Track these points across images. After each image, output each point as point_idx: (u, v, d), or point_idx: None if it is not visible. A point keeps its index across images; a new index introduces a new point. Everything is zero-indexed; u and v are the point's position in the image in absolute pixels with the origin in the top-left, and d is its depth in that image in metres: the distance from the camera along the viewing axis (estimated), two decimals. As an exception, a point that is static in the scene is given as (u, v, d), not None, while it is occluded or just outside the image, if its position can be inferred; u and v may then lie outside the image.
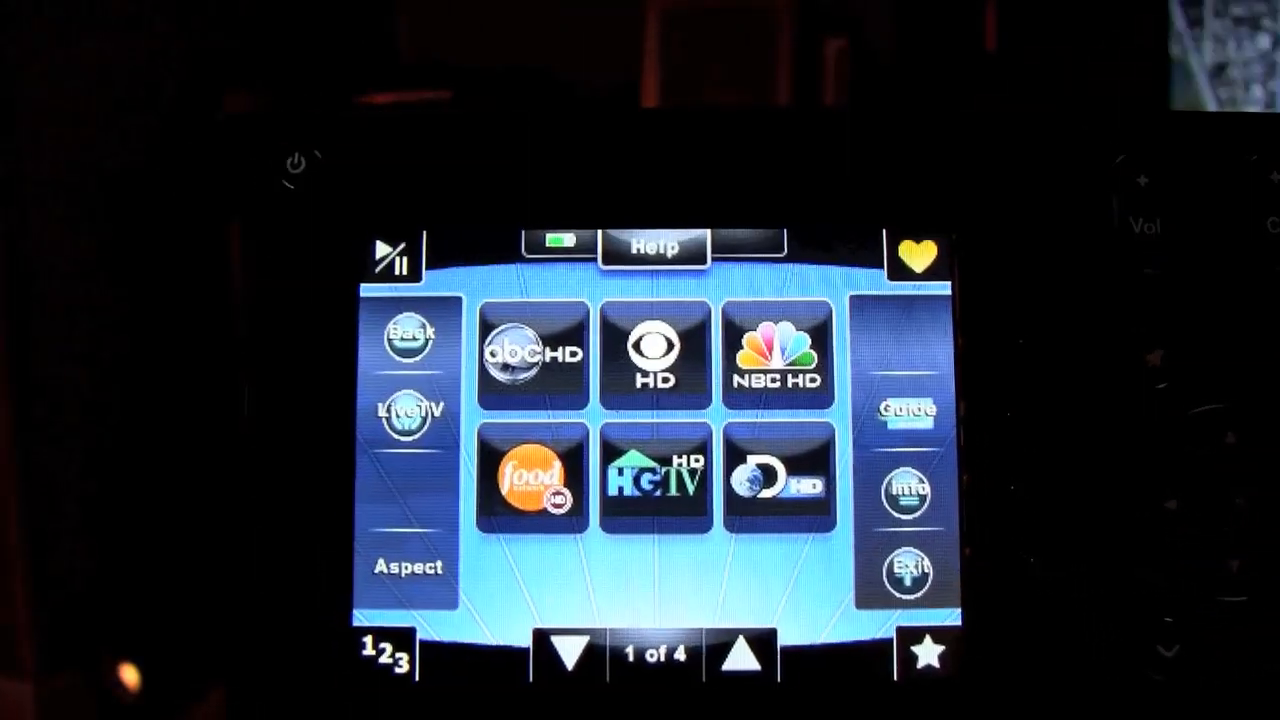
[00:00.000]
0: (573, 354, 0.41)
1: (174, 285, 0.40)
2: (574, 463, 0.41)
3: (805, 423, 0.41)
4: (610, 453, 0.41)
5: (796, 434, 0.41)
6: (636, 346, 0.41)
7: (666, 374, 0.41)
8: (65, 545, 0.41)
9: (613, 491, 0.40)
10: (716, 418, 0.41)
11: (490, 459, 0.41)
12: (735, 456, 0.41)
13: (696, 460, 0.40)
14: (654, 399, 0.41)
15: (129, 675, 0.42)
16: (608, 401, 0.41)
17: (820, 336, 0.41)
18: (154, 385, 0.40)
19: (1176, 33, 0.82)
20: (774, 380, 0.41)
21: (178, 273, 0.41)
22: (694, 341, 0.41)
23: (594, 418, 0.41)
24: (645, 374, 0.41)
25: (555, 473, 0.41)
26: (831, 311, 0.41)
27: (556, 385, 0.41)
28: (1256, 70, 0.81)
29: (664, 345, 0.41)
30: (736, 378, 0.41)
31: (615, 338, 0.41)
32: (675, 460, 0.40)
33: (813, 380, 0.41)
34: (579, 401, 0.41)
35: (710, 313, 0.41)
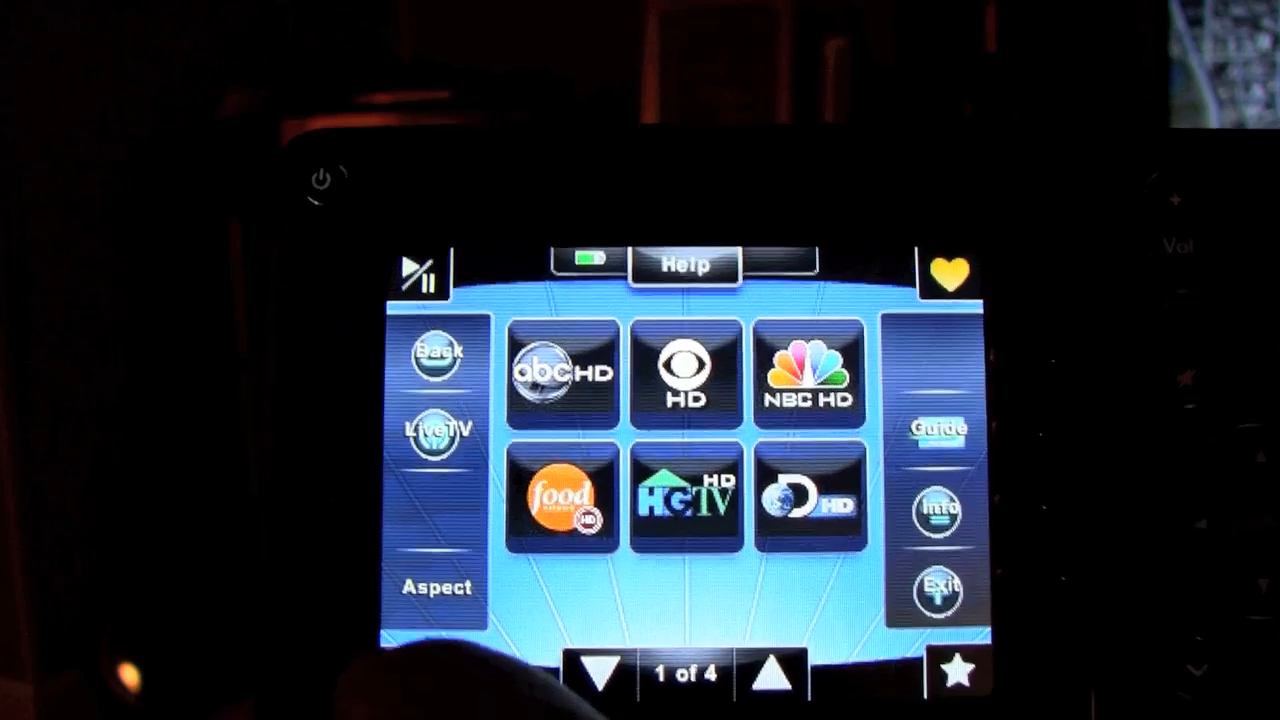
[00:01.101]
0: (603, 373, 0.41)
1: (176, 289, 0.40)
2: (604, 482, 0.40)
3: (836, 442, 0.40)
4: (641, 472, 0.40)
5: (828, 453, 0.40)
6: (667, 365, 0.41)
7: (697, 393, 0.41)
8: (65, 546, 0.40)
9: (643, 511, 0.40)
10: (748, 437, 0.40)
11: (519, 479, 0.40)
12: (766, 476, 0.40)
13: (728, 480, 0.40)
14: (685, 418, 0.40)
15: (129, 675, 0.41)
16: (638, 420, 0.40)
17: (852, 355, 0.41)
18: (154, 389, 0.40)
19: (1176, 33, 0.82)
20: (805, 399, 0.41)
21: (179, 276, 0.40)
22: (725, 360, 0.41)
23: (624, 437, 0.40)
24: (676, 393, 0.41)
25: (585, 492, 0.40)
26: (863, 330, 0.41)
27: (586, 404, 0.41)
28: (1256, 70, 0.82)
29: (695, 364, 0.41)
30: (768, 397, 0.41)
31: (646, 356, 0.41)
32: (706, 480, 0.40)
33: (844, 399, 0.41)
34: (609, 421, 0.40)
35: (741, 331, 0.41)
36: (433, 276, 0.41)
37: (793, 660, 0.40)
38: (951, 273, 0.41)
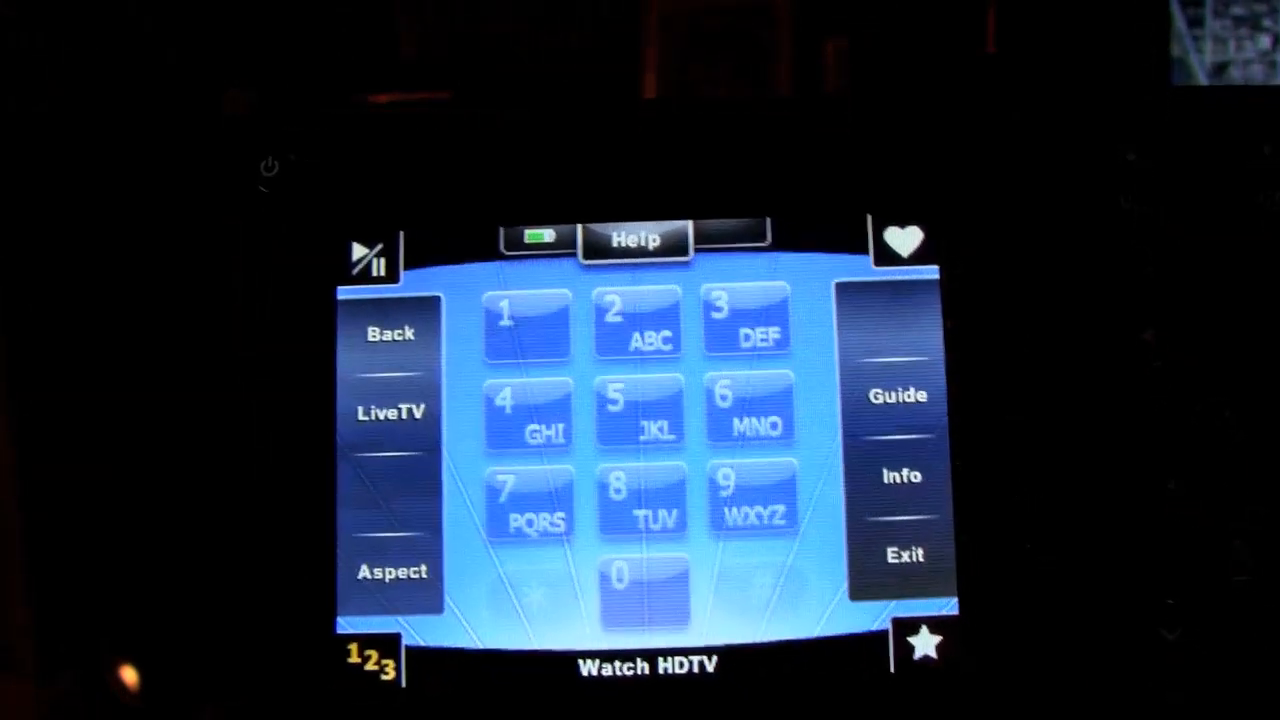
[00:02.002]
0: (558, 353, 0.40)
1: (175, 288, 0.40)
2: (562, 467, 0.40)
3: (794, 414, 0.40)
4: (600, 457, 0.40)
5: (785, 426, 0.40)
6: (623, 342, 0.40)
7: (653, 370, 0.40)
8: (65, 546, 0.40)
9: (602, 498, 0.40)
10: (703, 415, 0.40)
11: (476, 462, 0.40)
12: (724, 453, 0.40)
13: (686, 461, 0.40)
14: (639, 403, 0.40)
15: (129, 675, 0.41)
16: (597, 403, 0.40)
17: (807, 325, 0.40)
18: (155, 388, 0.39)
19: (1177, 32, 0.81)
20: (759, 371, 0.40)
21: (179, 275, 0.40)
22: (678, 333, 0.40)
23: (583, 420, 0.40)
24: (632, 371, 0.40)
25: (542, 476, 0.40)
26: (818, 299, 0.40)
27: (542, 387, 0.40)
28: (1256, 70, 0.81)
29: (649, 339, 0.40)
30: (723, 371, 0.40)
31: (601, 334, 0.40)
32: (664, 462, 0.40)
33: (800, 370, 0.40)
34: (564, 404, 0.40)
35: (695, 304, 0.40)
36: (383, 260, 0.41)
37: (757, 639, 0.39)
38: (905, 239, 0.40)
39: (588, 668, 0.39)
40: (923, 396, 0.40)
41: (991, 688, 0.39)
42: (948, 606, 0.39)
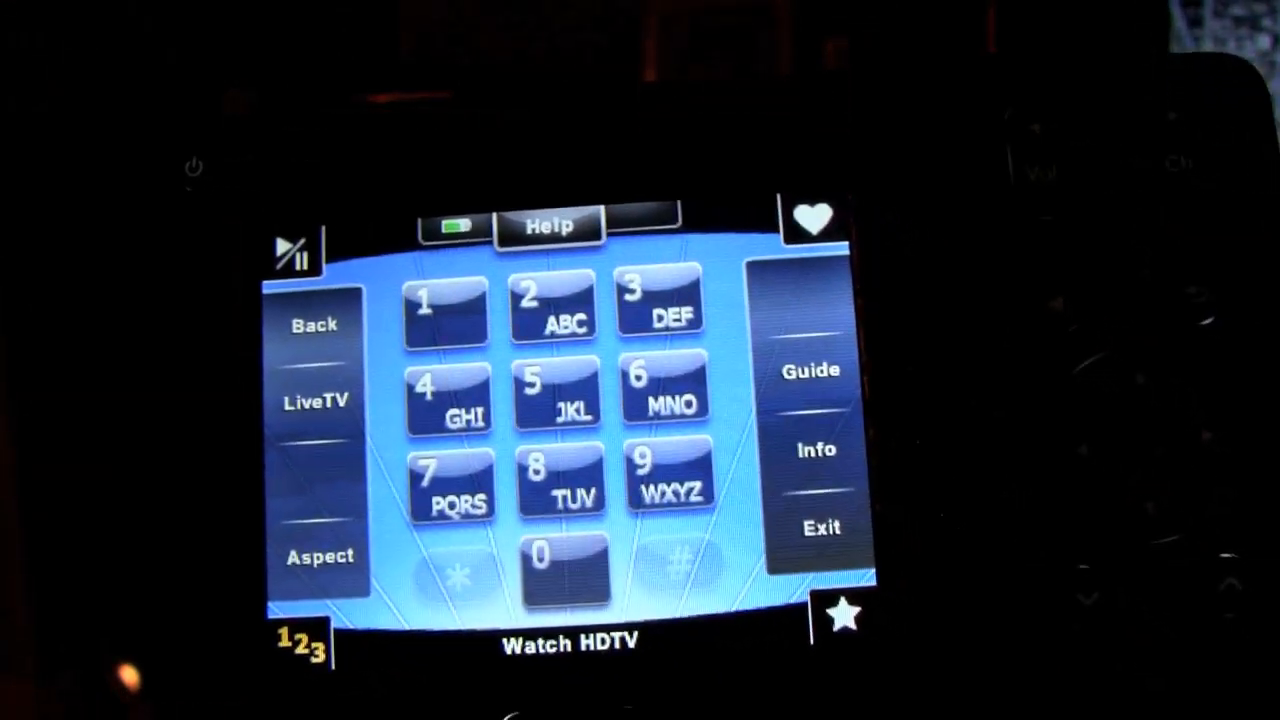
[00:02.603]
0: (476, 339, 0.41)
1: (174, 287, 0.41)
2: (482, 450, 0.41)
3: (708, 392, 0.40)
4: (518, 439, 0.41)
5: (700, 404, 0.40)
6: (539, 326, 0.41)
7: (568, 353, 0.41)
8: (65, 546, 0.41)
9: (522, 479, 0.40)
10: (618, 395, 0.41)
11: (399, 447, 0.41)
12: (640, 431, 0.40)
13: (603, 440, 0.40)
14: (556, 385, 0.41)
15: (129, 675, 0.42)
16: (514, 386, 0.41)
17: (719, 304, 0.41)
18: (155, 388, 0.41)
19: (1176, 33, 0.81)
20: (673, 351, 0.41)
21: (178, 274, 0.41)
22: (593, 316, 0.41)
23: (501, 404, 0.41)
24: (549, 355, 0.41)
25: (463, 460, 0.41)
26: (729, 279, 0.41)
27: (463, 375, 0.41)
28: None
29: (564, 323, 0.41)
30: (638, 352, 0.41)
31: (518, 320, 0.41)
32: (582, 443, 0.40)
33: (713, 348, 0.41)
34: (483, 389, 0.41)
35: (608, 287, 0.41)
36: (305, 254, 0.42)
37: (674, 615, 0.40)
38: (815, 217, 0.41)
39: (511, 646, 0.40)
40: (835, 371, 0.40)
41: (911, 657, 0.39)
42: (865, 578, 0.39)
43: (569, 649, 0.40)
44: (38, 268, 0.41)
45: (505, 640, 0.40)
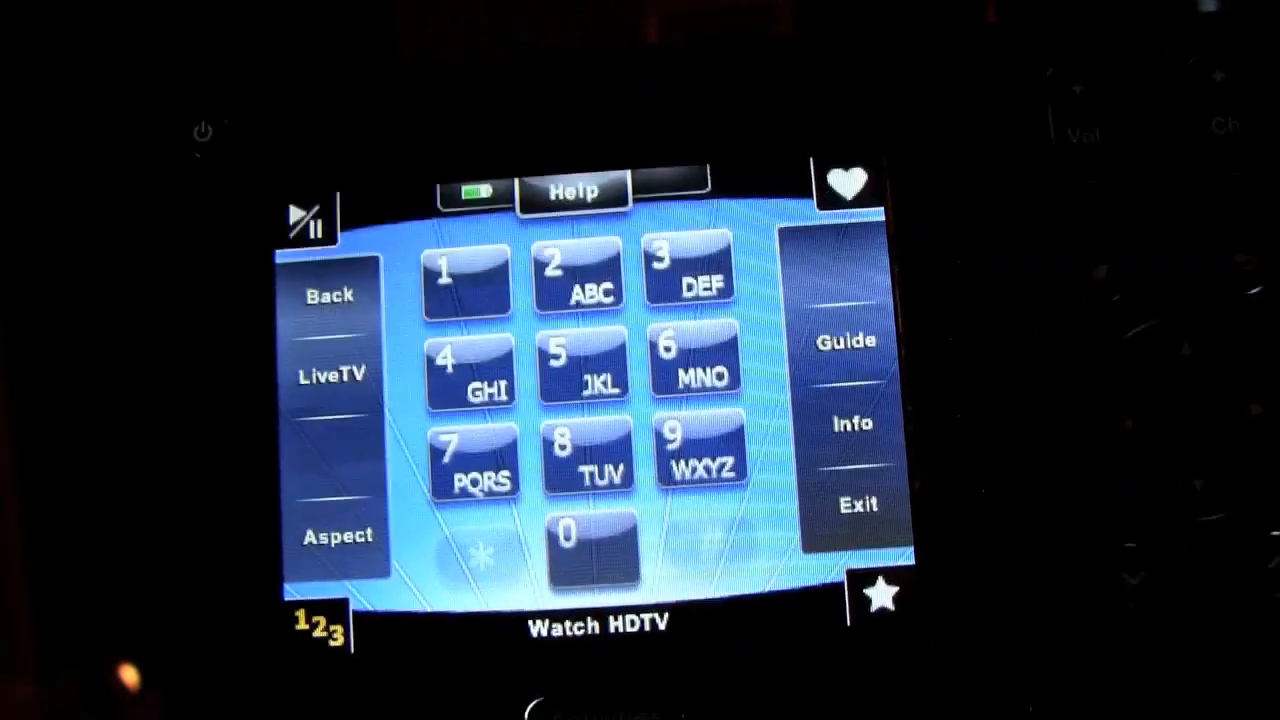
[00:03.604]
0: (498, 309, 0.40)
1: (174, 287, 0.40)
2: (505, 425, 0.39)
3: (740, 364, 0.39)
4: (543, 413, 0.39)
5: (731, 377, 0.39)
6: (564, 295, 0.39)
7: (594, 323, 0.39)
8: (65, 546, 0.40)
9: (547, 455, 0.39)
10: (647, 367, 0.39)
11: (419, 422, 0.39)
12: (669, 405, 0.39)
13: (631, 414, 0.39)
14: (582, 357, 0.39)
15: (129, 675, 0.41)
16: (538, 358, 0.39)
17: (751, 273, 0.39)
18: (156, 388, 0.39)
19: None
20: (703, 321, 0.39)
21: (177, 274, 0.40)
22: (620, 285, 0.39)
23: (525, 376, 0.39)
24: (574, 325, 0.39)
25: (486, 435, 0.39)
26: (761, 246, 0.39)
27: (485, 346, 0.39)
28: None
29: (590, 292, 0.40)
30: (667, 322, 0.39)
31: (541, 289, 0.40)
32: (610, 416, 0.39)
33: (745, 318, 0.39)
34: (506, 361, 0.39)
35: (636, 254, 0.40)
36: (320, 222, 0.40)
37: (709, 595, 0.38)
38: (849, 181, 0.39)
39: (537, 628, 0.38)
40: (871, 341, 0.39)
41: (951, 639, 0.38)
42: (904, 556, 0.38)
43: (597, 631, 0.38)
44: (42, 240, 0.40)
45: (531, 622, 0.38)
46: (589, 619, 0.38)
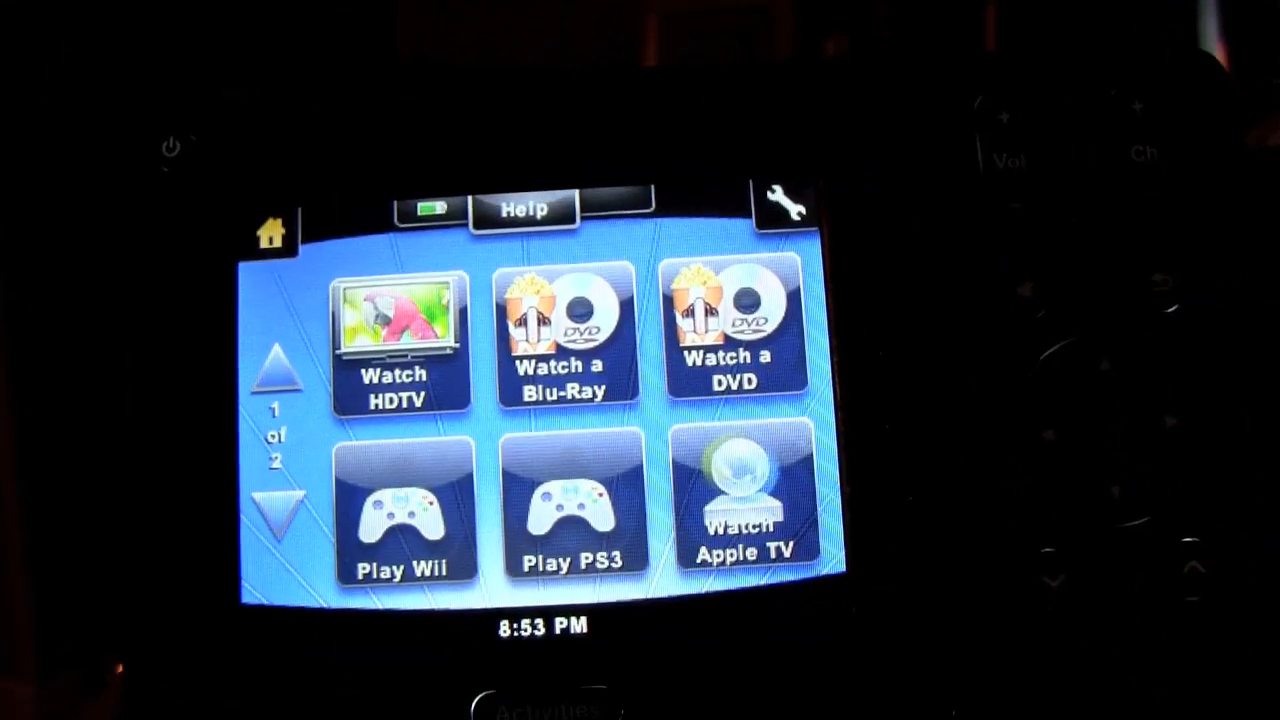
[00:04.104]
0: (444, 337, 0.41)
1: (174, 286, 0.41)
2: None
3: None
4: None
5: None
6: (506, 317, 0.41)
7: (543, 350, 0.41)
8: (65, 546, 0.41)
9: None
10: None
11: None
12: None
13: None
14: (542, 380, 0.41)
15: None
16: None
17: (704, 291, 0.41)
18: (154, 390, 0.41)
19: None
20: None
21: (178, 274, 0.41)
22: (569, 307, 0.41)
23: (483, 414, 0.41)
24: (525, 354, 0.41)
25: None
26: (704, 264, 0.41)
27: (442, 379, 0.41)
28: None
29: (536, 313, 0.41)
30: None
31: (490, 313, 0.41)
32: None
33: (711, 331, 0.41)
34: (463, 398, 0.41)
35: (585, 275, 0.41)
36: (282, 234, 0.42)
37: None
38: (789, 203, 0.41)
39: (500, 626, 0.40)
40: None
41: (876, 642, 0.39)
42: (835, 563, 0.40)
43: (543, 631, 0.40)
44: (13, 250, 0.41)
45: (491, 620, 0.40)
46: (537, 617, 0.40)
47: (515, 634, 0.40)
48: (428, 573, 0.40)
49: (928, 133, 0.41)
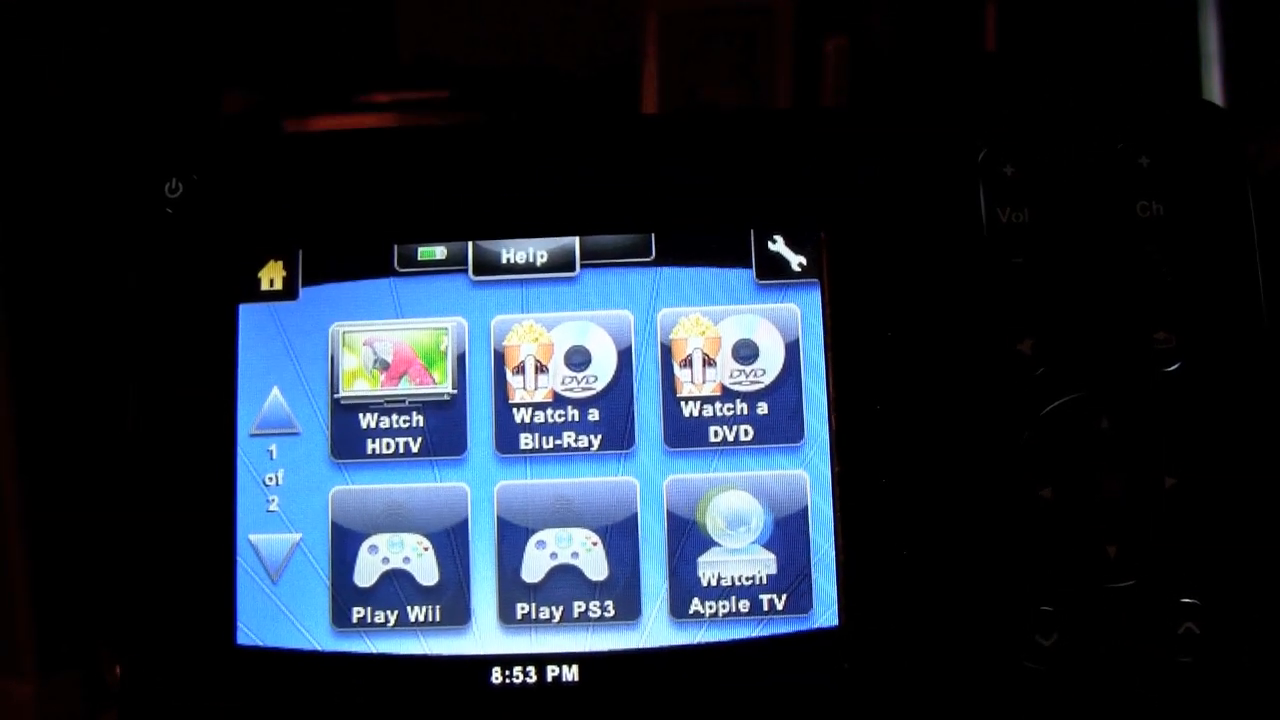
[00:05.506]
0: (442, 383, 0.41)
1: (174, 286, 0.41)
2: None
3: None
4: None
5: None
6: (504, 364, 0.41)
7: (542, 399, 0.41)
8: (65, 546, 0.42)
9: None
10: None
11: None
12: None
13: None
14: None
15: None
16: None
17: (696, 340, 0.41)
18: (154, 391, 0.41)
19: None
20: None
21: (179, 274, 0.42)
22: (567, 355, 0.41)
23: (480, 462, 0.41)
24: (522, 401, 0.41)
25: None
26: (702, 314, 0.41)
27: (439, 425, 0.41)
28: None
29: (534, 360, 0.41)
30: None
31: (488, 360, 0.41)
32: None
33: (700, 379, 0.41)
34: (459, 444, 0.41)
35: (583, 323, 0.41)
36: (283, 277, 0.42)
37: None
38: (789, 254, 0.41)
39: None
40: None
41: (871, 694, 0.39)
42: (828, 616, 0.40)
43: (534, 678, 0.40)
44: (17, 284, 0.42)
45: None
46: (529, 665, 0.40)
47: (507, 682, 0.40)
48: (421, 618, 0.40)
49: (931, 185, 0.41)
